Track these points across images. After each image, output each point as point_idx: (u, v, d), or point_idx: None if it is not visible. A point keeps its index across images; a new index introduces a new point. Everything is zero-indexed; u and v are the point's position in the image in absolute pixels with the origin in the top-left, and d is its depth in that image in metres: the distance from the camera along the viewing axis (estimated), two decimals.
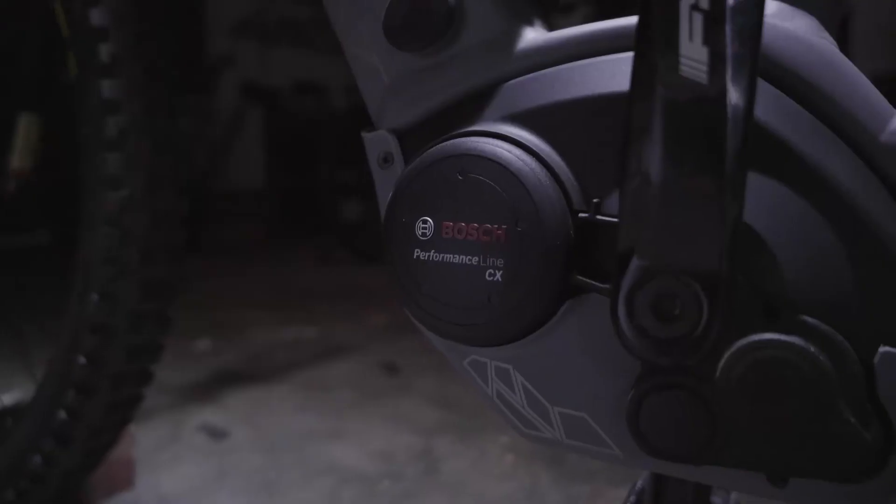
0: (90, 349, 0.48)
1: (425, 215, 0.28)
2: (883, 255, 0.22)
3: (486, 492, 0.74)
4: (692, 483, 0.39)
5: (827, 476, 0.23)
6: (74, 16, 0.48)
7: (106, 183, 0.47)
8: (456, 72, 0.30)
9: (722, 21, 0.20)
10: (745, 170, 0.21)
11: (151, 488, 0.74)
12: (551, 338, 0.27)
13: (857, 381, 0.22)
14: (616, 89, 0.25)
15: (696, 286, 0.22)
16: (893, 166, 0.23)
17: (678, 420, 0.24)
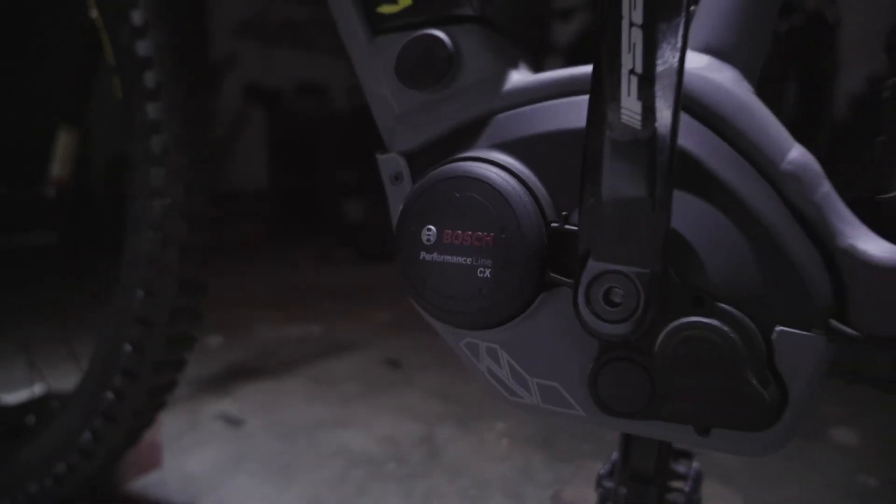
0: (135, 338, 0.55)
1: (430, 224, 0.35)
2: (780, 257, 0.30)
3: (484, 473, 0.81)
4: (654, 452, 0.47)
5: (738, 427, 0.30)
6: (121, 46, 0.55)
7: (150, 193, 0.54)
8: (454, 106, 0.37)
9: (651, 82, 0.27)
10: (671, 190, 0.28)
11: (177, 469, 0.82)
12: (530, 323, 0.34)
13: (760, 353, 0.30)
14: (578, 126, 0.32)
15: (636, 280, 0.29)
16: (789, 188, 0.30)
17: (627, 385, 0.32)
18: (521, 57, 0.39)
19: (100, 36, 0.58)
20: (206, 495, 0.75)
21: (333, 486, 0.78)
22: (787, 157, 0.30)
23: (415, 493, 0.76)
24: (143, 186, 0.54)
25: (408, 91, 0.38)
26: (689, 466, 0.52)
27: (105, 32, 0.57)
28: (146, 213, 0.54)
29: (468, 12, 0.36)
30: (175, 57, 0.55)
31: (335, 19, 0.42)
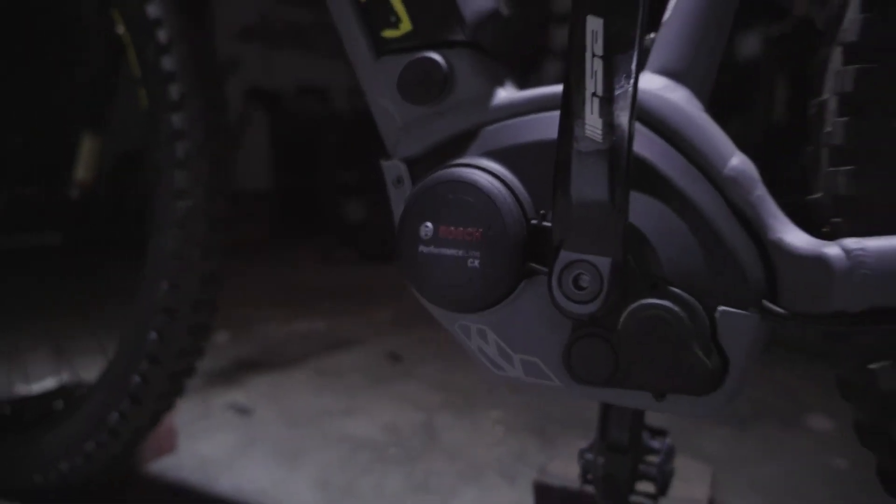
0: (160, 327, 0.61)
1: (427, 221, 0.40)
2: (722, 248, 0.35)
3: (480, 456, 0.87)
4: (628, 425, 0.52)
5: (687, 391, 0.36)
6: (147, 61, 0.61)
7: (174, 195, 0.60)
8: (448, 119, 0.43)
9: (610, 103, 0.33)
10: (627, 192, 0.34)
11: (191, 453, 0.87)
12: (513, 306, 0.40)
13: (705, 329, 0.35)
14: (552, 138, 0.37)
15: (600, 267, 0.35)
16: (730, 190, 0.35)
17: (595, 358, 0.37)
18: (507, 76, 0.44)
19: (125, 50, 0.64)
20: (220, 476, 0.81)
21: (339, 468, 0.83)
22: (728, 163, 0.36)
23: (415, 474, 0.82)
24: (167, 189, 0.60)
25: (408, 105, 0.44)
26: (663, 442, 0.58)
27: (131, 48, 0.63)
28: (170, 214, 0.60)
29: (461, 38, 0.42)
30: (196, 71, 0.61)
31: (342, 39, 0.47)
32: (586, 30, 0.32)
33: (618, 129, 0.33)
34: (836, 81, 0.34)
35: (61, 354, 0.82)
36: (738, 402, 1.15)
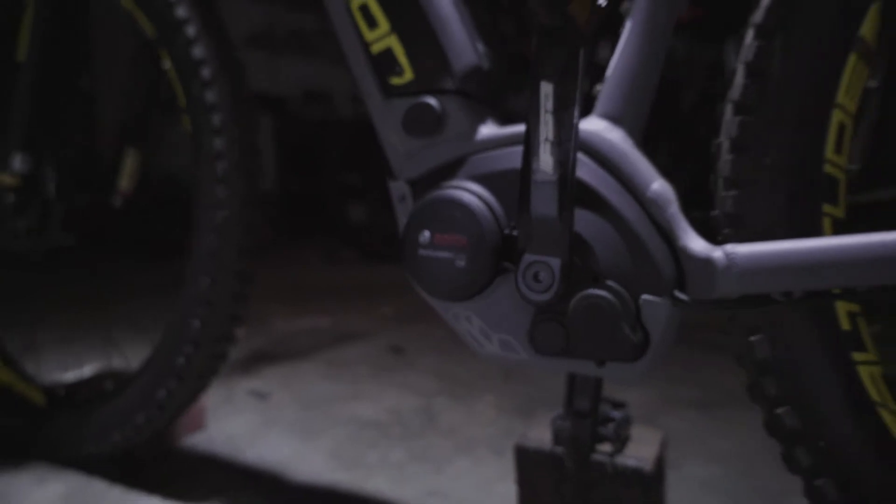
0: (202, 316, 0.73)
1: (425, 230, 0.52)
2: (644, 251, 0.47)
3: (473, 434, 0.99)
4: (588, 395, 0.64)
5: (619, 360, 0.48)
6: (192, 94, 0.73)
7: (214, 205, 0.72)
8: (442, 150, 0.55)
9: (557, 146, 0.45)
10: (572, 209, 0.46)
11: (219, 430, 1.00)
12: (490, 296, 0.52)
13: (631, 312, 0.47)
14: (517, 167, 0.49)
15: (552, 266, 0.47)
16: (650, 207, 0.47)
17: (551, 335, 0.49)
18: (489, 115, 0.56)
19: (171, 83, 0.76)
20: (245, 449, 0.93)
21: (349, 443, 0.96)
22: (650, 187, 0.48)
23: (415, 448, 0.94)
24: (208, 200, 0.72)
25: (410, 138, 0.56)
26: (622, 412, 0.70)
27: (177, 82, 0.75)
28: (211, 221, 0.72)
29: (451, 87, 0.54)
30: (234, 102, 0.73)
31: (356, 80, 0.59)
32: (540, 92, 0.45)
33: (564, 165, 0.45)
34: (727, 129, 0.47)
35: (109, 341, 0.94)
36: (710, 390, 1.27)
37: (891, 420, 0.43)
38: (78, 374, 0.97)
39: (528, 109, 0.46)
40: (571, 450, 0.65)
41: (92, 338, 1.17)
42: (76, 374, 0.97)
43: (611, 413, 0.70)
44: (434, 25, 0.55)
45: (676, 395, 1.12)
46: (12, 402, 0.93)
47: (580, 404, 0.64)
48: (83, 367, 1.05)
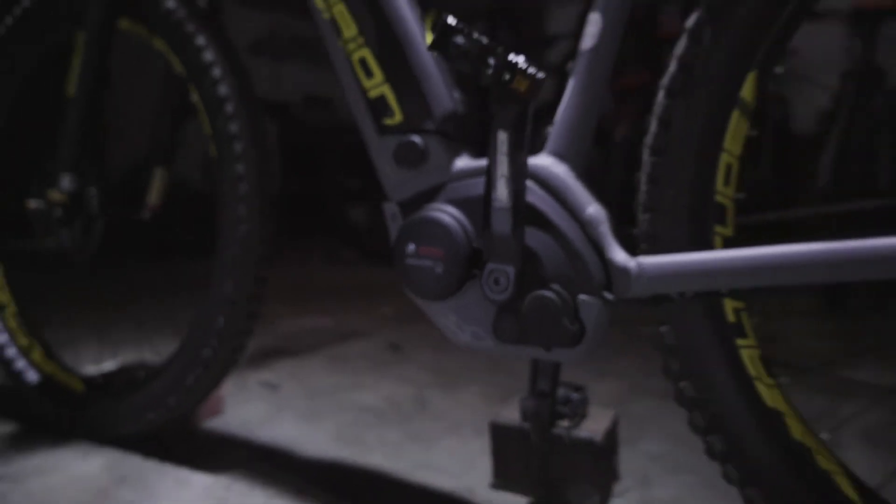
0: (227, 313, 0.87)
1: (412, 243, 0.66)
2: (580, 261, 0.61)
3: (460, 418, 1.13)
4: (549, 378, 0.78)
5: (562, 346, 0.62)
6: (217, 125, 0.87)
7: (236, 221, 0.86)
8: (425, 179, 0.69)
9: (510, 180, 0.58)
10: (523, 228, 0.60)
11: (234, 415, 1.13)
12: (463, 296, 0.65)
13: (570, 308, 0.61)
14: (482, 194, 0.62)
15: (508, 272, 0.60)
16: (586, 226, 0.61)
17: (509, 327, 0.63)
18: (463, 150, 0.70)
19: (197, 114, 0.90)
20: (258, 431, 1.07)
21: (350, 426, 1.09)
22: (586, 210, 0.61)
23: (409, 429, 1.08)
24: (231, 216, 0.86)
25: (400, 169, 0.70)
26: (580, 394, 0.83)
27: (204, 114, 0.89)
28: (234, 234, 0.86)
29: (432, 128, 0.68)
30: (253, 133, 0.87)
31: (356, 119, 0.73)
32: (497, 139, 0.58)
33: (516, 195, 0.59)
34: (644, 166, 0.60)
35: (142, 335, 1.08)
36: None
37: (764, 390, 0.57)
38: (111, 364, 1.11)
39: (489, 151, 0.59)
40: (535, 425, 0.79)
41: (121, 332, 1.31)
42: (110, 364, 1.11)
43: (571, 395, 0.83)
44: (419, 77, 0.68)
45: (643, 386, 1.26)
46: (56, 389, 1.07)
47: (542, 387, 0.77)
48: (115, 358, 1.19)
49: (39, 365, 1.09)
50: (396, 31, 0.69)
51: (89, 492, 0.86)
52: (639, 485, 0.87)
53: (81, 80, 0.92)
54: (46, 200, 0.96)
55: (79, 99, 0.92)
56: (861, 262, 0.49)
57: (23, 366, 1.10)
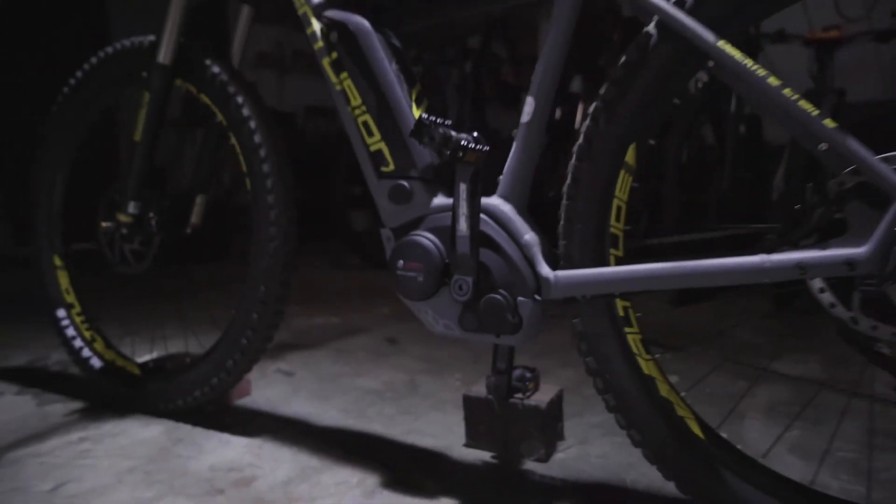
0: (259, 311, 1.14)
1: (401, 260, 0.93)
2: (519, 273, 0.86)
3: (445, 398, 1.39)
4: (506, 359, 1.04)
5: (506, 334, 0.88)
6: (253, 165, 1.13)
7: (268, 238, 1.12)
8: (410, 212, 0.95)
9: (468, 220, 0.85)
10: (477, 250, 0.86)
11: (259, 396, 1.40)
12: (437, 298, 0.92)
13: (512, 307, 0.86)
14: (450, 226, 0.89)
15: (468, 281, 0.87)
16: (523, 248, 0.87)
17: (470, 320, 0.89)
18: (439, 191, 0.96)
19: (237, 155, 1.17)
20: (281, 407, 1.34)
21: (354, 403, 1.36)
22: (524, 237, 0.88)
23: (402, 405, 1.34)
24: (263, 235, 1.12)
25: (392, 204, 0.96)
26: (533, 373, 1.10)
27: (242, 156, 1.15)
28: (265, 249, 1.12)
29: (416, 175, 0.95)
30: (281, 171, 1.13)
31: (360, 165, 1.00)
32: (458, 188, 0.85)
33: (472, 227, 0.86)
34: (562, 209, 0.87)
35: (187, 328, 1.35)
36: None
37: (642, 363, 0.83)
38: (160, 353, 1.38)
39: (454, 196, 0.86)
40: (495, 396, 1.05)
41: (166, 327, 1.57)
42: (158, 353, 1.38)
43: (526, 374, 1.10)
44: (405, 138, 0.95)
45: None
46: (116, 373, 1.34)
47: (500, 367, 1.04)
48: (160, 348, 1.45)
49: (101, 353, 1.37)
50: (390, 103, 0.96)
51: (154, 448, 1.13)
52: (578, 444, 1.13)
53: (145, 128, 1.19)
54: (116, 222, 1.23)
55: (143, 143, 1.19)
56: (694, 275, 0.75)
57: (88, 354, 1.37)
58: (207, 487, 0.99)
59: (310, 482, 1.00)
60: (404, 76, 0.99)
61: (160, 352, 1.48)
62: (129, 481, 1.01)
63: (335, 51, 0.99)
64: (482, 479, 1.03)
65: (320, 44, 1.01)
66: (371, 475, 1.02)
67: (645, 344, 0.84)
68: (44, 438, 1.18)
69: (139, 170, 1.21)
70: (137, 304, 1.79)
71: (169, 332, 1.63)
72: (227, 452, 1.12)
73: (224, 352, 1.18)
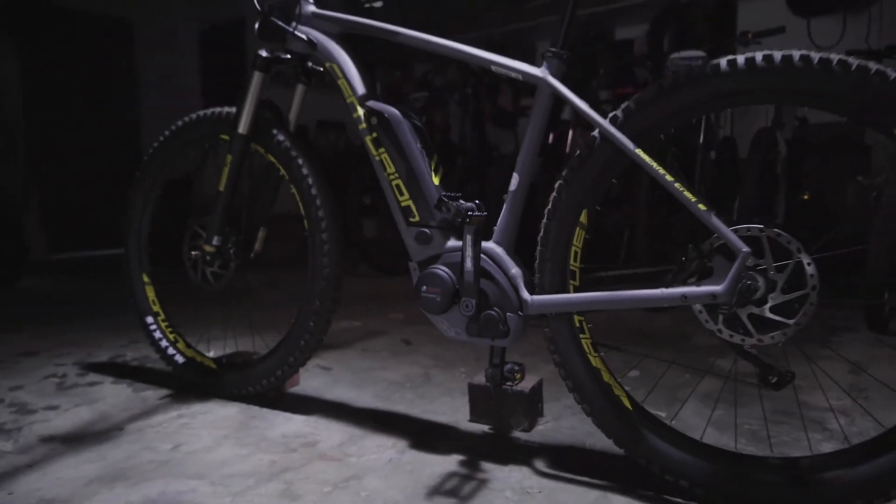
0: (314, 319, 1.54)
1: (424, 286, 1.33)
2: (508, 297, 1.26)
3: (453, 386, 1.80)
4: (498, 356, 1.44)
5: (498, 338, 1.28)
6: (310, 210, 1.53)
7: (321, 266, 1.52)
8: (430, 251, 1.35)
9: (472, 258, 1.25)
10: (479, 281, 1.26)
11: (307, 385, 1.81)
12: (450, 313, 1.31)
13: (503, 320, 1.26)
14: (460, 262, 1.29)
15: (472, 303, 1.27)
16: (510, 279, 1.27)
17: (473, 328, 1.29)
18: (452, 235, 1.36)
19: (296, 203, 1.57)
20: (325, 394, 1.74)
21: (382, 391, 1.76)
22: (510, 271, 1.28)
23: (419, 392, 1.75)
24: (318, 264, 1.52)
25: (417, 245, 1.37)
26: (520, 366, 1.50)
27: (300, 202, 1.56)
28: (320, 273, 1.53)
29: (434, 225, 1.35)
30: (332, 213, 1.53)
31: (393, 215, 1.40)
32: (466, 237, 1.25)
33: (475, 264, 1.26)
34: (537, 252, 1.27)
35: (254, 328, 1.76)
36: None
37: (591, 359, 1.22)
38: (234, 348, 1.78)
39: (463, 240, 1.26)
40: (492, 384, 1.45)
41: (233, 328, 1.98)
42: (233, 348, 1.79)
43: (514, 368, 1.50)
44: (427, 198, 1.35)
45: None
46: (196, 367, 1.74)
47: (495, 362, 1.44)
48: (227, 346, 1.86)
49: (183, 351, 1.77)
50: (415, 172, 1.36)
51: (236, 422, 1.54)
52: (554, 419, 1.54)
53: (227, 182, 1.59)
54: (201, 251, 1.64)
55: (225, 192, 1.60)
56: (620, 300, 1.15)
57: (173, 352, 1.78)
58: (284, 448, 1.39)
59: (357, 444, 1.40)
60: (425, 151, 1.39)
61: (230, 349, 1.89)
62: (226, 444, 1.41)
63: (375, 131, 1.40)
64: (481, 443, 1.43)
65: (363, 125, 1.41)
66: (401, 440, 1.42)
67: (594, 345, 1.24)
68: (150, 415, 1.59)
69: (222, 212, 1.61)
70: (206, 309, 2.19)
71: (219, 334, 2.04)
72: (292, 425, 1.52)
73: (286, 350, 1.59)
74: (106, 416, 1.58)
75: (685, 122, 1.12)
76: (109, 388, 1.81)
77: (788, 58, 1.01)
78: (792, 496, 1.05)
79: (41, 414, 1.61)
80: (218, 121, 1.65)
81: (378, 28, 1.41)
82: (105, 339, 2.38)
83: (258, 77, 1.59)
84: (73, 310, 2.98)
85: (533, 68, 1.26)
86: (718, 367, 1.87)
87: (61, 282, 4.06)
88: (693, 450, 1.15)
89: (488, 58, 1.30)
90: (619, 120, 1.15)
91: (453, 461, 1.31)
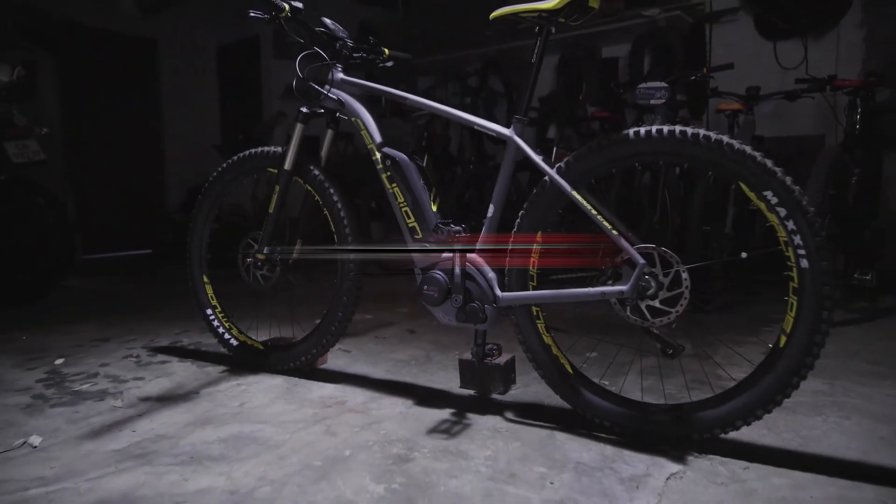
0: (342, 312, 2.06)
1: (426, 285, 1.85)
2: (487, 294, 1.78)
3: (448, 364, 2.32)
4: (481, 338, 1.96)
5: (476, 323, 1.80)
6: (339, 229, 2.06)
7: (348, 271, 2.04)
8: (429, 260, 1.88)
9: (469, 279, 1.77)
10: (464, 281, 1.78)
11: (333, 364, 2.34)
12: (444, 305, 1.84)
13: (483, 311, 1.79)
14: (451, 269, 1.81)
15: (460, 297, 1.79)
16: (490, 282, 1.79)
17: (461, 315, 1.82)
18: (446, 248, 1.89)
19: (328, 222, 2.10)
20: (347, 369, 2.28)
21: (393, 367, 2.30)
22: (488, 275, 1.80)
23: (421, 368, 2.28)
24: (345, 269, 2.05)
25: (420, 255, 1.89)
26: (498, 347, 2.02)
27: (332, 223, 2.08)
28: (347, 276, 2.05)
29: (432, 241, 1.88)
30: (357, 233, 2.06)
31: (402, 232, 1.93)
32: (455, 252, 1.78)
33: (462, 269, 1.78)
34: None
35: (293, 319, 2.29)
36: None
37: (545, 337, 1.75)
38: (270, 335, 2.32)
39: (452, 256, 1.79)
40: (476, 359, 1.98)
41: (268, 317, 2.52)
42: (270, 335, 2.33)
43: (493, 347, 2.03)
44: (427, 221, 1.88)
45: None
46: (246, 348, 2.28)
47: (479, 342, 1.97)
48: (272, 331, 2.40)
49: (236, 336, 2.31)
50: (419, 202, 1.89)
51: (281, 388, 2.07)
52: (523, 386, 2.06)
53: (276, 206, 2.12)
54: (254, 258, 2.17)
55: (274, 213, 2.12)
56: (562, 297, 1.68)
57: (228, 337, 2.31)
58: (321, 405, 1.92)
59: (376, 402, 1.93)
60: (426, 186, 1.91)
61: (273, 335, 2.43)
62: (279, 402, 1.94)
63: (389, 171, 1.92)
64: (468, 402, 1.96)
65: (381, 165, 1.94)
66: (408, 400, 1.95)
67: (547, 328, 1.77)
68: (216, 384, 2.12)
69: (272, 228, 2.14)
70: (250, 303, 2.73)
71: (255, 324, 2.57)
72: (325, 390, 2.05)
73: (320, 334, 2.11)
74: (182, 385, 2.12)
75: (606, 172, 1.65)
76: (178, 365, 2.34)
77: (672, 131, 1.53)
78: (675, 428, 1.57)
79: (132, 383, 2.14)
80: (266, 157, 2.18)
81: (392, 93, 1.94)
82: (160, 328, 2.92)
83: (300, 128, 2.11)
84: (121, 305, 3.52)
85: (503, 129, 1.78)
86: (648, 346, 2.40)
87: (100, 281, 4.60)
88: (613, 400, 1.68)
89: (472, 120, 1.83)
90: (562, 170, 1.68)
91: (446, 413, 1.84)
